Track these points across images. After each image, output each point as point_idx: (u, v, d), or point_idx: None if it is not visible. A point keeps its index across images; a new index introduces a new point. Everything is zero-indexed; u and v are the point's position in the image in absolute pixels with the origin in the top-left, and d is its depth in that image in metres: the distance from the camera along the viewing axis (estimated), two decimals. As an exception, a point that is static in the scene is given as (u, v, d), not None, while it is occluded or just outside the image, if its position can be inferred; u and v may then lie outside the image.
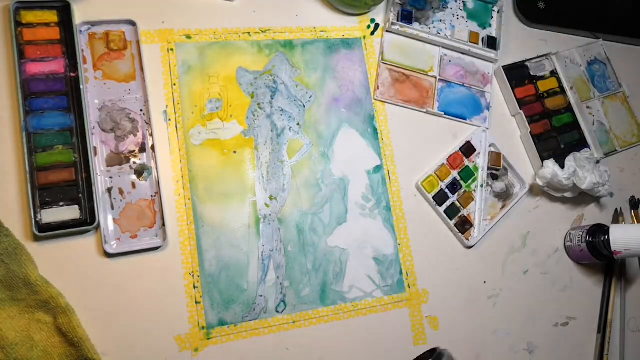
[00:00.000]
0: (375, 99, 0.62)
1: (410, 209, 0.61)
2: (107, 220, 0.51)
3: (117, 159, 0.53)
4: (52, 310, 0.48)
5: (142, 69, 0.55)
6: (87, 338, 0.48)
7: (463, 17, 0.68)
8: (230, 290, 0.54)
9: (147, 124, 0.54)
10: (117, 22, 0.56)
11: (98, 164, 0.52)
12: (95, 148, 0.53)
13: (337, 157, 0.60)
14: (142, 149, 0.54)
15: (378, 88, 0.63)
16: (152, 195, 0.53)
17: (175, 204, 0.54)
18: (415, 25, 0.65)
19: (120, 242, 0.51)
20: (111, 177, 0.53)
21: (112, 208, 0.52)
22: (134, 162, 0.53)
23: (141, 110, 0.55)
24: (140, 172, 0.53)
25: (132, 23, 0.56)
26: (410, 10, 0.65)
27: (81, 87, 0.53)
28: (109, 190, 0.52)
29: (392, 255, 0.59)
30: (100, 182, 0.52)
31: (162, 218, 0.52)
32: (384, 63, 0.64)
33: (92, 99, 0.54)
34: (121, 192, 0.53)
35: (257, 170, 0.57)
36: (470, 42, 0.67)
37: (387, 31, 0.65)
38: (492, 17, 0.69)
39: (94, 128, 0.53)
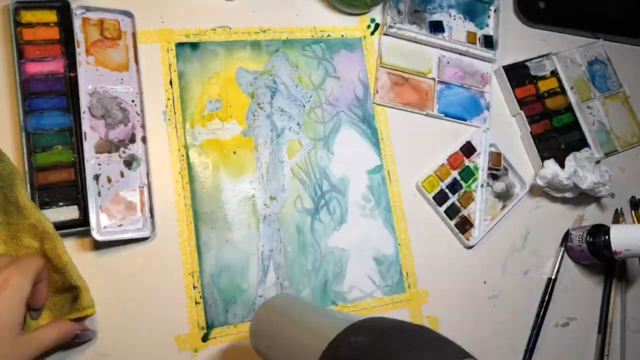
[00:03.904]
0: (375, 104, 0.62)
1: (411, 209, 0.61)
2: (94, 207, 0.50)
3: (107, 146, 0.52)
4: (39, 235, 0.47)
5: (136, 61, 0.54)
6: (72, 265, 0.47)
7: (460, 18, 0.68)
8: (230, 290, 0.54)
9: (138, 115, 0.54)
10: (112, 11, 0.55)
11: (86, 150, 0.51)
12: (85, 133, 0.52)
13: (337, 157, 0.60)
14: (132, 139, 0.53)
15: (377, 92, 0.62)
16: (140, 186, 0.53)
17: (175, 204, 0.54)
18: (413, 27, 0.65)
19: (107, 230, 0.51)
20: (99, 165, 0.52)
21: (99, 195, 0.51)
22: (124, 152, 0.53)
23: (133, 101, 0.54)
24: (129, 162, 0.53)
25: (128, 14, 0.55)
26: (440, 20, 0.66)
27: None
28: (97, 177, 0.51)
29: (393, 256, 0.59)
30: (88, 169, 0.51)
31: (151, 209, 0.52)
32: (382, 67, 0.63)
33: (84, 83, 0.53)
34: (109, 180, 0.52)
35: (257, 170, 0.57)
36: (468, 42, 0.67)
37: (384, 34, 0.64)
38: (489, 17, 0.69)
39: (84, 113, 0.52)
